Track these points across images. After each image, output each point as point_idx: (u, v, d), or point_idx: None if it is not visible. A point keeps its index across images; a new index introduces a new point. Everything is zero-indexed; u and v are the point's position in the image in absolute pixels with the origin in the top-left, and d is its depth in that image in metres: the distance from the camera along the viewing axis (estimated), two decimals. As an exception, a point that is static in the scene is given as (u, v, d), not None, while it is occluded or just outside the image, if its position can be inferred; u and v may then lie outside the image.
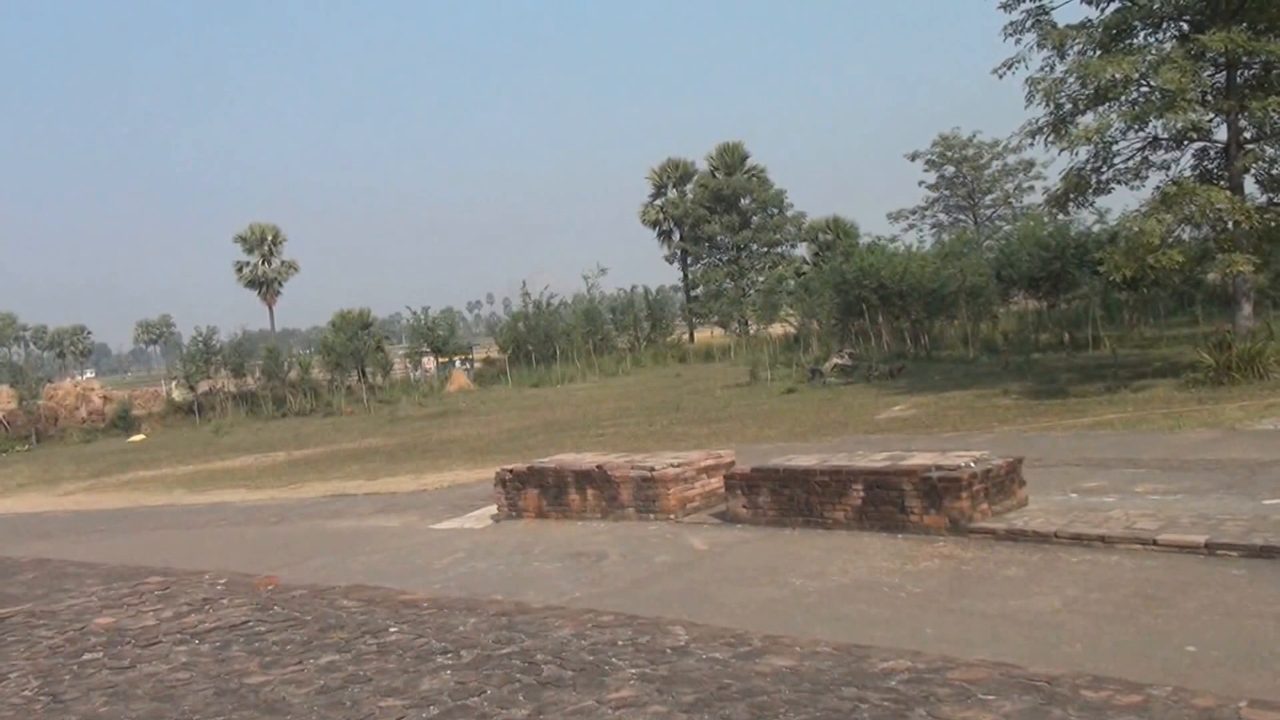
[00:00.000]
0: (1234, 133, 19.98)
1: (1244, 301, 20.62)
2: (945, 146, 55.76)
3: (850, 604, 7.23)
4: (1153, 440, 13.44)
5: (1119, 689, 4.70)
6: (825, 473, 9.58)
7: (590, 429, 22.76)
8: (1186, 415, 15.20)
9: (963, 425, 16.85)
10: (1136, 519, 8.25)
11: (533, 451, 17.20)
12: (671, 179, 63.12)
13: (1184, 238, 20.72)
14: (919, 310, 34.76)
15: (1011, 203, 55.51)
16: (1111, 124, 20.13)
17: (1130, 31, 21.15)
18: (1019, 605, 6.80)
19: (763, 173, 61.85)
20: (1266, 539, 7.30)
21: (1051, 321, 34.10)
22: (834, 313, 37.87)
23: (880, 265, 35.39)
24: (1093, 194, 22.28)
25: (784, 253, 61.26)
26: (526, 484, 11.90)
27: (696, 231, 61.13)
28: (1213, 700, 4.48)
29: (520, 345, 50.18)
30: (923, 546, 8.50)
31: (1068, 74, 20.51)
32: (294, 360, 49.85)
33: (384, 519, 13.53)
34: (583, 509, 11.37)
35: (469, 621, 6.85)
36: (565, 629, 6.48)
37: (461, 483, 16.33)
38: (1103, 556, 7.66)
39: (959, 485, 8.71)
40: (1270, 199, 20.31)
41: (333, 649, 6.39)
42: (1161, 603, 6.52)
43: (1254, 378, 17.70)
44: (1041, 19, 21.58)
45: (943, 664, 5.24)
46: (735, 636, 6.02)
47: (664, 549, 9.54)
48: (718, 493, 10.84)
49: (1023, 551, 8.05)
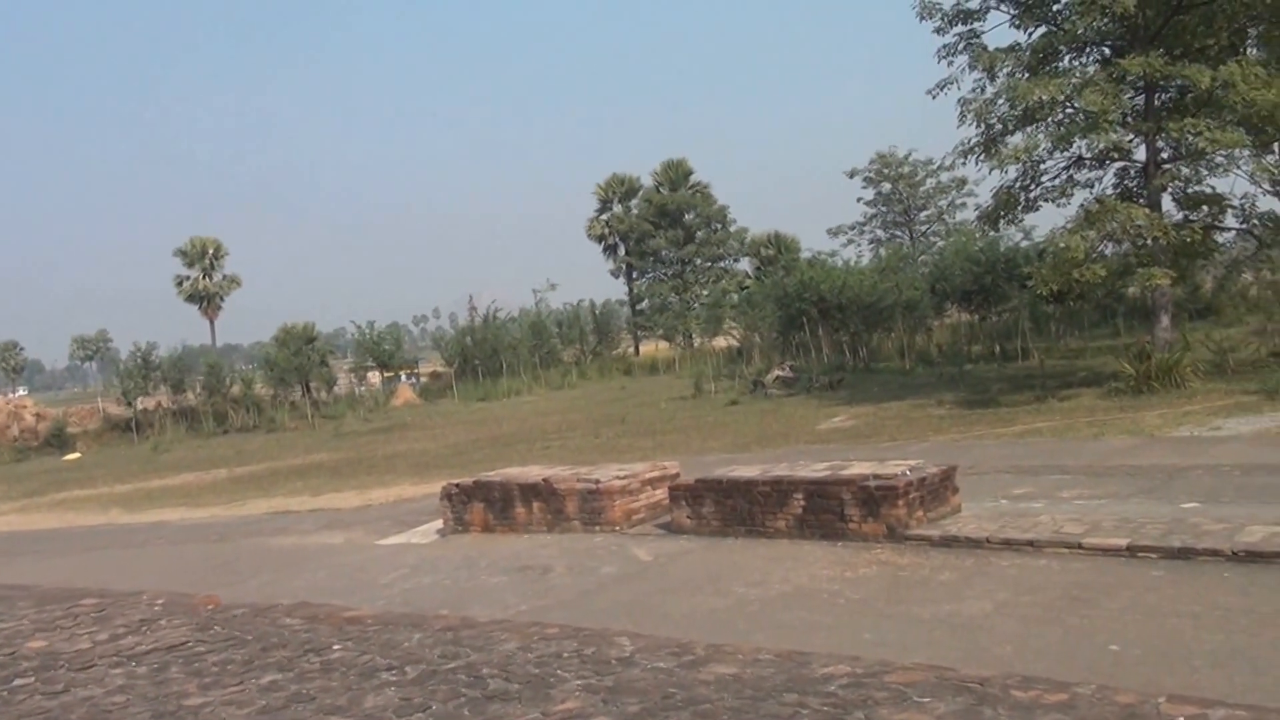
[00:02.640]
0: (1152, 153, 20.60)
1: (1162, 314, 21.23)
2: (882, 164, 56.61)
3: (792, 611, 7.40)
4: (1078, 448, 13.85)
5: (1046, 688, 4.89)
6: (767, 483, 9.76)
7: (536, 442, 22.78)
8: (1109, 423, 15.67)
9: (900, 435, 17.19)
10: (1063, 524, 8.53)
11: (479, 465, 17.20)
12: (617, 194, 63.28)
13: (1106, 253, 21.25)
14: (858, 323, 35.24)
15: (945, 219, 56.47)
16: (1039, 144, 20.72)
17: (1056, 55, 21.76)
18: (953, 609, 7.02)
19: (706, 189, 62.24)
20: (1184, 541, 7.60)
21: (983, 334, 34.77)
22: (776, 326, 38.23)
23: (820, 279, 35.84)
24: (1021, 211, 22.83)
25: (727, 267, 61.62)
26: (472, 498, 11.92)
27: (642, 246, 61.30)
28: (1134, 697, 4.69)
29: (467, 359, 49.95)
30: (861, 553, 8.71)
31: (998, 96, 21.05)
32: (236, 376, 49.20)
33: (328, 535, 13.46)
34: (529, 522, 11.43)
35: (414, 637, 6.89)
36: (511, 642, 6.54)
37: (407, 498, 16.28)
38: (1032, 560, 7.93)
39: (896, 493, 8.94)
40: (1186, 216, 20.94)
41: (275, 668, 6.38)
42: (1087, 604, 6.78)
43: (1172, 387, 18.27)
44: (973, 42, 22.08)
45: (880, 668, 5.40)
46: (680, 646, 6.13)
47: (610, 560, 9.65)
48: (662, 504, 10.96)
49: (956, 557, 8.29)
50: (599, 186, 63.39)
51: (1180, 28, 20.30)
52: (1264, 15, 19.50)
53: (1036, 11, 21.70)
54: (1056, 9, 21.61)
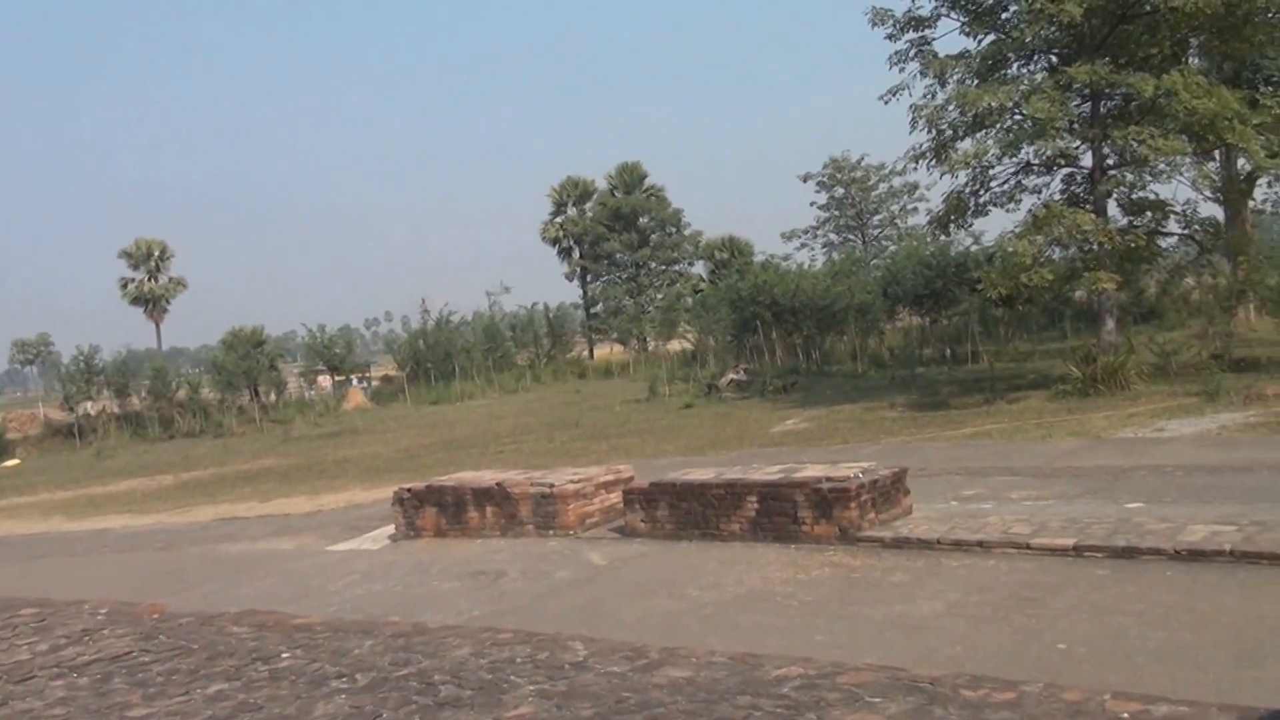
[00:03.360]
0: (1098, 159, 20.95)
1: (1107, 317, 21.61)
2: (835, 169, 57.17)
3: (745, 614, 7.43)
4: (1026, 449, 14.03)
5: (995, 687, 4.96)
6: (721, 486, 9.79)
7: (490, 446, 22.69)
8: (1057, 425, 15.90)
9: (852, 437, 17.32)
10: (1012, 524, 8.63)
11: (431, 470, 17.10)
12: (572, 197, 63.30)
13: (1054, 258, 21.57)
14: (811, 326, 35.49)
15: (897, 223, 57.20)
16: (988, 150, 21.03)
17: (1005, 63, 22.10)
18: (904, 610, 7.08)
19: (661, 192, 62.50)
20: (1129, 540, 7.72)
21: (934, 337, 35.15)
22: (730, 329, 38.43)
23: (774, 283, 36.06)
24: (971, 216, 23.14)
25: (681, 270, 61.94)
26: (425, 503, 11.84)
27: (596, 249, 61.39)
28: (1080, 694, 4.77)
29: (419, 363, 49.65)
30: (814, 555, 8.75)
31: (948, 102, 21.28)
32: (182, 380, 48.50)
33: (277, 542, 13.31)
34: (482, 527, 11.38)
35: (365, 644, 6.84)
36: (463, 648, 6.52)
37: (358, 503, 16.13)
38: (981, 561, 8.01)
39: (848, 495, 9.00)
40: (1130, 222, 21.28)
41: (221, 677, 6.30)
42: (1034, 603, 6.86)
43: (1117, 389, 18.59)
44: (924, 49, 22.35)
45: (833, 669, 5.45)
46: (633, 650, 6.14)
47: (563, 565, 9.63)
48: (617, 508, 10.96)
49: (908, 558, 8.36)
50: (553, 189, 63.41)
51: (1124, 37, 20.66)
52: (1204, 26, 19.89)
53: (986, 19, 22.01)
54: (1005, 17, 21.95)
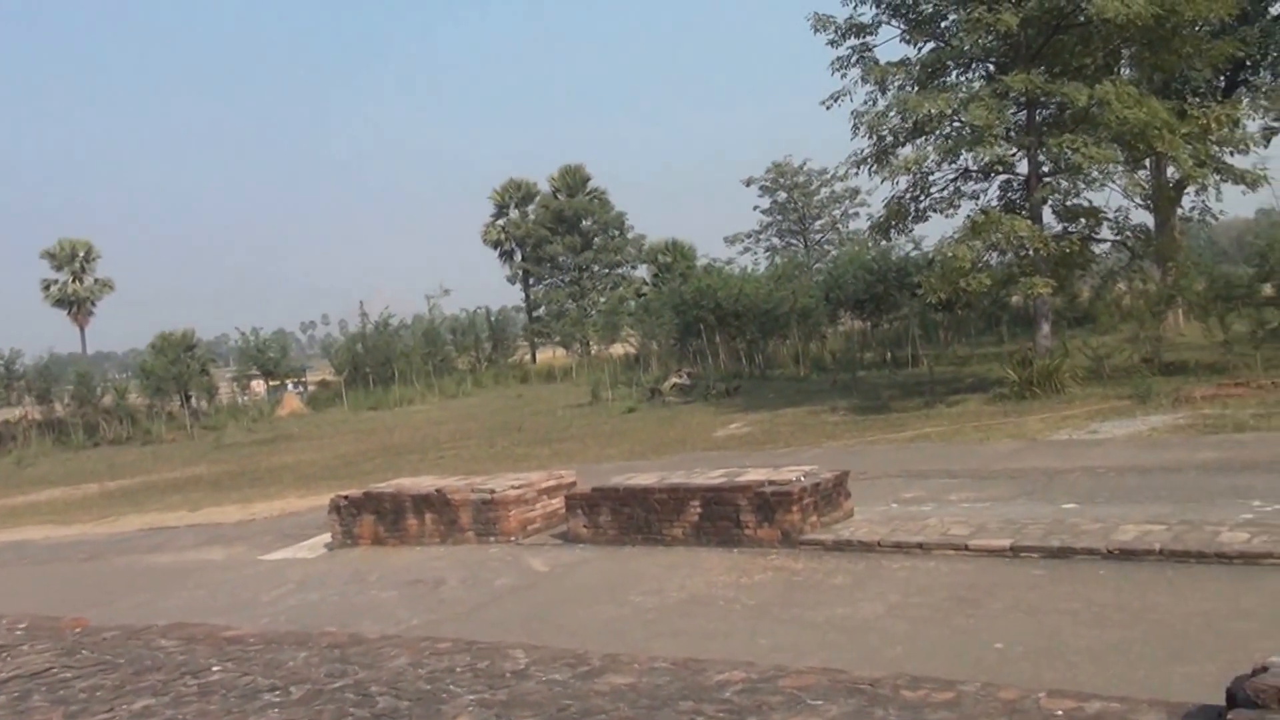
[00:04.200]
0: (1034, 167, 21.28)
1: (1043, 322, 21.97)
2: (778, 174, 57.62)
3: (688, 619, 7.41)
4: (965, 451, 14.22)
5: (934, 687, 4.98)
6: (664, 490, 9.78)
7: (430, 452, 22.50)
8: (994, 428, 16.12)
9: (795, 441, 17.42)
10: (951, 526, 8.73)
11: (369, 476, 16.92)
12: (514, 199, 62.99)
13: (991, 263, 21.88)
14: (754, 330, 35.62)
15: (839, 228, 57.81)
16: (928, 156, 21.29)
17: (944, 70, 22.42)
18: (846, 612, 7.11)
19: (604, 195, 62.45)
20: (1063, 541, 7.85)
21: (875, 341, 35.48)
22: (673, 333, 38.44)
23: (717, 287, 36.15)
24: (911, 221, 23.41)
25: (624, 274, 61.87)
26: (362, 510, 11.69)
27: (539, 252, 61.13)
28: (1016, 693, 4.79)
29: (357, 367, 49.02)
30: (757, 559, 8.77)
31: (889, 108, 21.55)
32: (109, 385, 47.32)
33: (208, 551, 13.07)
34: (421, 534, 11.26)
35: (299, 655, 6.71)
36: (401, 658, 6.41)
37: (293, 511, 15.90)
38: (921, 563, 8.09)
39: (790, 499, 9.03)
40: (1065, 228, 21.68)
41: (148, 693, 6.13)
42: (973, 604, 6.94)
43: (1052, 392, 18.90)
44: (865, 56, 22.56)
45: (775, 673, 5.43)
46: (575, 657, 6.09)
47: (504, 572, 9.55)
48: (559, 513, 10.90)
49: (849, 560, 8.41)
50: (495, 191, 63.06)
51: (1059, 47, 21.04)
52: (1135, 38, 20.31)
53: (925, 28, 22.31)
54: (944, 26, 22.28)
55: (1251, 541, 7.31)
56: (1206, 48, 21.55)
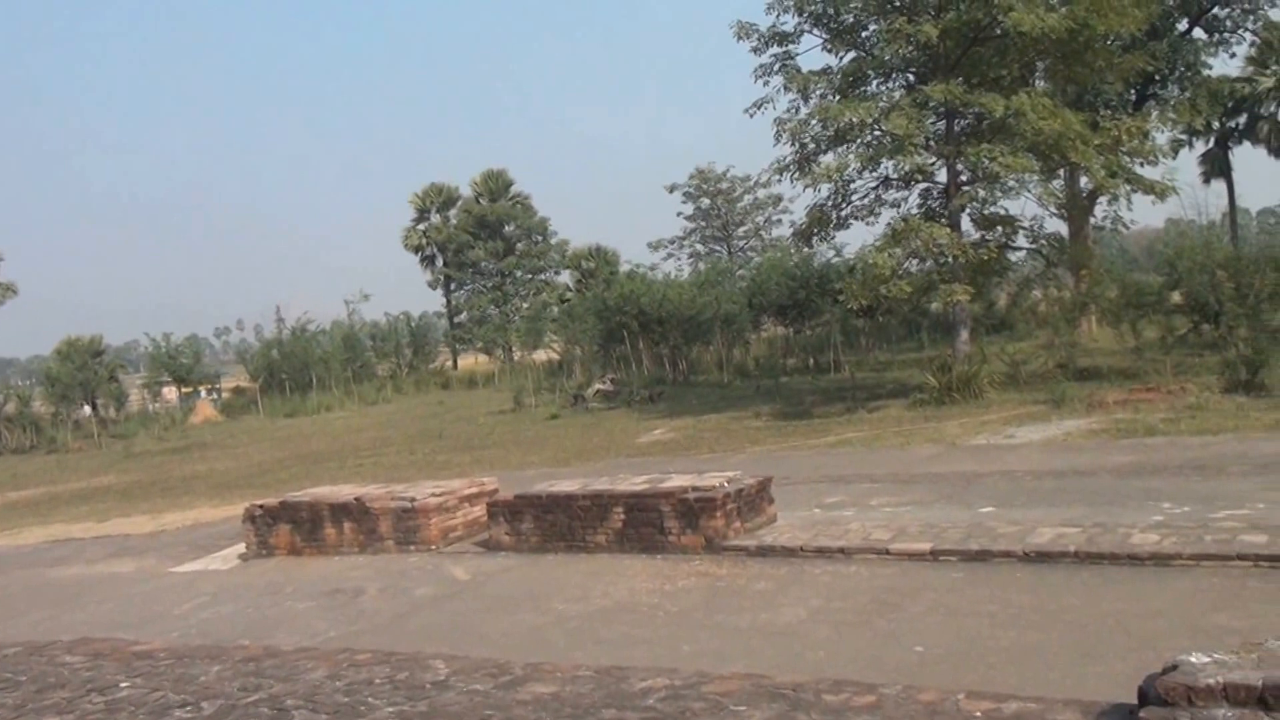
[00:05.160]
0: (952, 175, 21.66)
1: (962, 328, 22.38)
2: (702, 180, 57.88)
3: (611, 626, 7.38)
4: (886, 456, 14.40)
5: (856, 691, 5.01)
6: (587, 497, 9.73)
7: (349, 460, 22.18)
8: (915, 433, 16.35)
9: (718, 446, 17.48)
10: (872, 530, 8.82)
11: (286, 485, 16.60)
12: (435, 204, 62.48)
13: (911, 270, 22.18)
14: (677, 336, 35.73)
15: (762, 235, 58.23)
16: (849, 164, 21.51)
17: (865, 80, 22.71)
18: (769, 618, 7.13)
19: (527, 200, 62.33)
20: (981, 544, 7.98)
21: (798, 347, 35.83)
22: (596, 339, 38.41)
23: (640, 293, 36.20)
24: (833, 229, 23.63)
25: (548, 279, 61.73)
26: (278, 519, 11.47)
27: (460, 257, 60.70)
28: (936, 695, 4.84)
29: (274, 374, 48.19)
30: (680, 566, 8.77)
31: (811, 116, 21.79)
32: (11, 392, 45.83)
33: (116, 564, 12.69)
34: (340, 544, 11.07)
35: (212, 670, 6.54)
36: (319, 670, 6.29)
37: (206, 521, 15.53)
38: (843, 567, 8.15)
39: (714, 505, 9.04)
40: (983, 236, 22.07)
41: (52, 711, 5.93)
42: (893, 607, 7.00)
43: (971, 397, 19.24)
44: (787, 64, 22.79)
45: (698, 679, 5.42)
46: (497, 666, 6.02)
47: (425, 581, 9.43)
48: (481, 521, 10.80)
49: (772, 566, 8.44)
50: (416, 195, 62.48)
51: (977, 59, 21.46)
52: (1050, 50, 20.81)
53: (847, 37, 22.58)
54: (865, 36, 22.58)
55: (1162, 543, 7.48)
56: (1118, 61, 22.20)
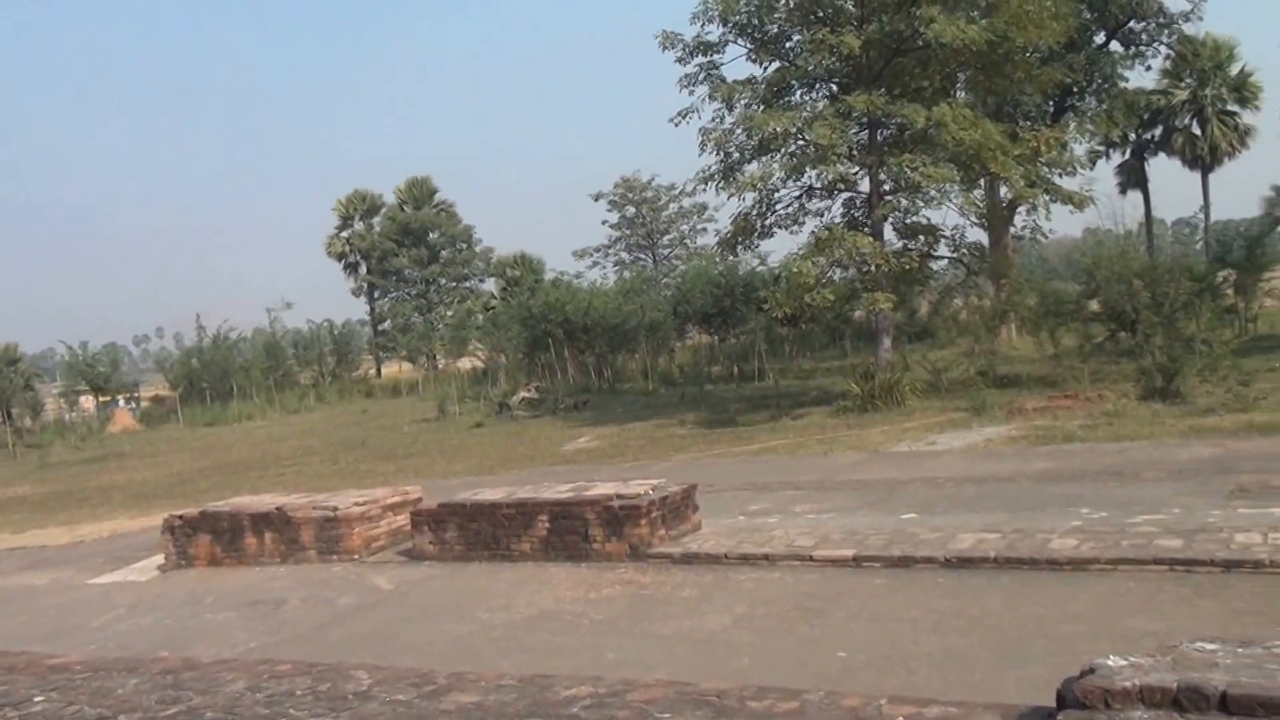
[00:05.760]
0: (875, 185, 21.99)
1: (884, 336, 22.68)
2: (627, 188, 57.96)
3: (536, 634, 7.35)
4: (810, 464, 14.54)
5: (779, 697, 5.04)
6: (512, 505, 9.70)
7: (270, 469, 21.84)
8: (838, 440, 16.54)
9: (643, 455, 17.52)
10: (796, 537, 8.89)
11: (206, 495, 16.30)
12: (359, 211, 61.81)
13: (835, 278, 22.45)
14: (603, 344, 35.74)
15: (687, 243, 58.47)
16: (773, 173, 21.75)
17: (789, 90, 22.94)
18: (693, 625, 7.16)
19: (452, 207, 61.96)
20: (904, 550, 8.08)
21: (722, 355, 35.99)
22: (521, 347, 38.25)
23: (566, 301, 36.16)
24: (758, 237, 23.83)
25: (472, 287, 61.52)
26: (198, 530, 11.27)
27: (384, 265, 60.12)
28: (859, 700, 4.89)
29: (194, 382, 47.31)
30: (605, 574, 8.77)
31: (735, 126, 21.97)
32: (-80, 401, 44.41)
33: (31, 576, 12.37)
34: (261, 554, 10.91)
35: (129, 683, 6.39)
36: (239, 682, 6.18)
37: (124, 532, 15.20)
38: (767, 574, 8.21)
39: (639, 513, 9.06)
40: (905, 245, 22.42)
41: (-37, 727, 5.77)
42: (817, 614, 7.07)
43: (893, 405, 19.52)
44: (712, 74, 22.95)
45: (622, 687, 5.42)
46: (420, 676, 5.97)
47: (348, 590, 9.32)
48: (404, 530, 10.71)
49: (697, 573, 8.48)
50: (339, 202, 61.80)
51: (899, 69, 21.81)
52: (970, 62, 21.24)
53: (771, 48, 22.79)
54: (789, 46, 22.81)
55: (1080, 548, 7.64)
56: (1036, 73, 22.73)
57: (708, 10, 22.20)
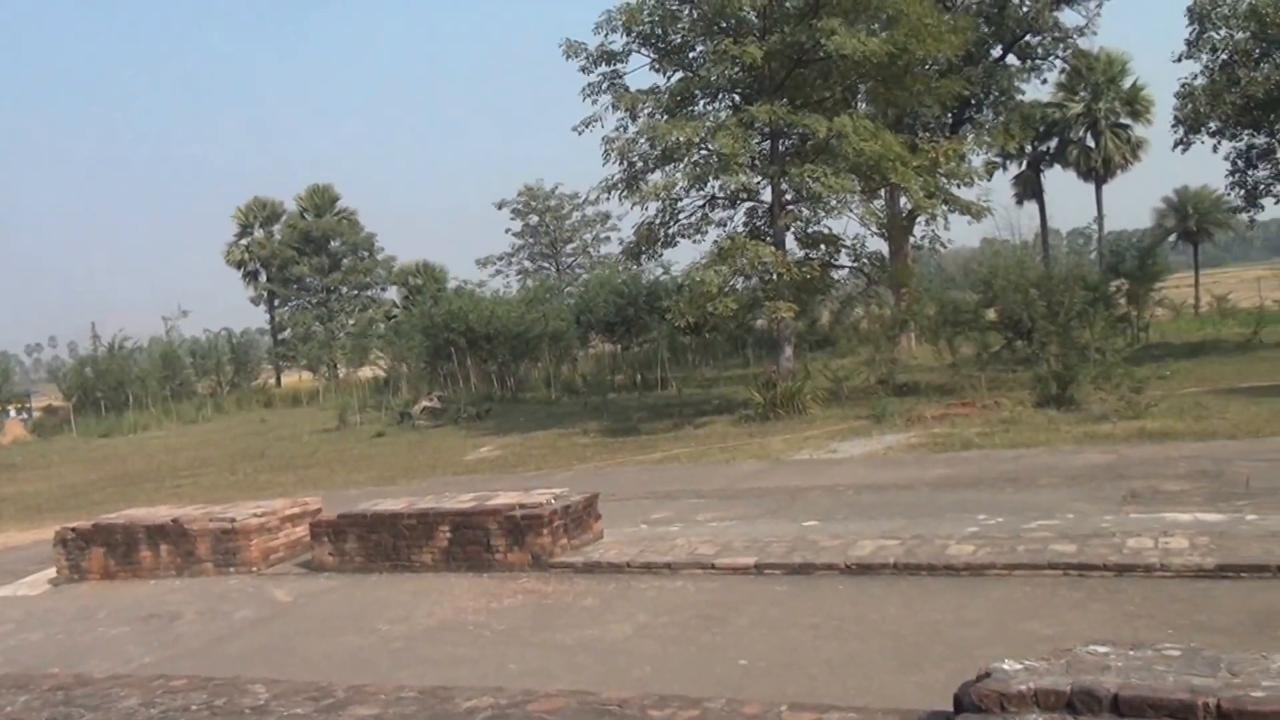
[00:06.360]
0: (777, 194, 22.28)
1: (786, 345, 22.98)
2: (530, 197, 57.82)
3: (437, 646, 7.30)
4: (712, 472, 14.64)
5: (681, 705, 5.09)
6: (413, 516, 9.60)
7: (167, 480, 21.28)
8: (740, 448, 16.70)
9: (546, 464, 17.50)
10: (698, 545, 8.95)
11: (100, 507, 15.82)
12: (259, 218, 60.65)
13: (738, 287, 22.64)
14: (505, 353, 35.56)
15: (590, 252, 58.62)
16: (677, 183, 21.92)
17: (692, 99, 23.14)
18: (595, 634, 7.17)
19: (353, 215, 61.22)
20: (804, 558, 8.19)
21: (625, 363, 36.12)
22: (423, 356, 37.87)
23: (468, 309, 35.91)
24: (661, 246, 23.99)
25: (374, 296, 60.92)
26: (91, 542, 10.95)
27: (285, 273, 59.09)
28: (759, 707, 4.96)
29: (88, 392, 45.93)
30: (507, 583, 8.74)
31: (639, 135, 22.05)
32: None
33: (-87, 592, 11.84)
34: (156, 567, 10.64)
35: (18, 700, 6.19)
36: (132, 698, 6.03)
37: (14, 545, 14.70)
38: (669, 582, 8.25)
39: (541, 522, 9.05)
40: (806, 254, 22.77)
41: None
42: (719, 622, 7.14)
43: (795, 413, 19.77)
44: (616, 83, 23.03)
45: (524, 697, 5.42)
46: (319, 689, 5.89)
47: (245, 604, 9.14)
48: (304, 542, 10.53)
49: (599, 582, 8.49)
50: (239, 210, 60.65)
51: (801, 80, 22.16)
52: (871, 74, 21.68)
53: (674, 57, 22.98)
54: (692, 56, 23.01)
55: (977, 554, 7.80)
56: (935, 85, 23.29)
57: (611, 20, 22.27)
